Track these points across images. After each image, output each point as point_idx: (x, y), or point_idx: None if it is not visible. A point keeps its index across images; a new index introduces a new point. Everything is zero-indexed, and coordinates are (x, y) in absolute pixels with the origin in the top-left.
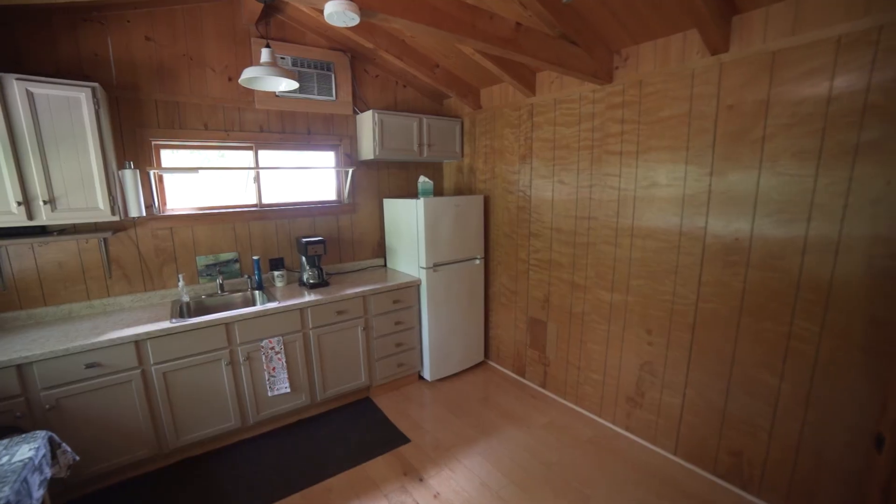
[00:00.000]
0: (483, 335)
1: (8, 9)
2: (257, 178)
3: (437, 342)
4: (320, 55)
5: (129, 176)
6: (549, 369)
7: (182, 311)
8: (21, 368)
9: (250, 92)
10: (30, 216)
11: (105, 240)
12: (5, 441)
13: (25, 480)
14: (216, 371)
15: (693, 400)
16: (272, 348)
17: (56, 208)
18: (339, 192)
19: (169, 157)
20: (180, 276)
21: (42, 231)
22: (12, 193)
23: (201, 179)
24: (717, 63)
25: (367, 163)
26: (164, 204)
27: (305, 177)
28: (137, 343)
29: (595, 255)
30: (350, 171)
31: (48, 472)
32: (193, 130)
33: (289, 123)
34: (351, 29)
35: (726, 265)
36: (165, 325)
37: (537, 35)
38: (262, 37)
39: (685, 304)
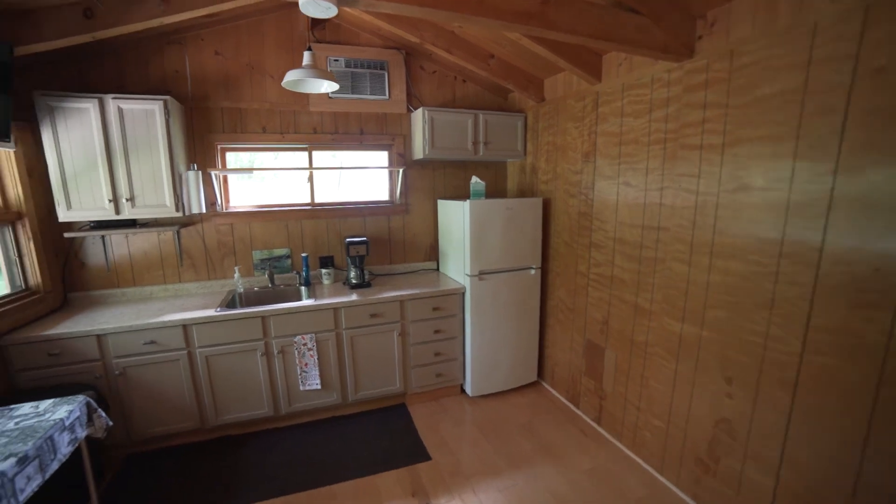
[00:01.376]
0: (537, 353)
1: (119, 38)
2: (311, 178)
3: (480, 356)
4: (374, 55)
5: (192, 177)
6: (604, 403)
7: (234, 300)
8: (100, 338)
9: (305, 95)
10: (117, 211)
11: (178, 232)
12: (55, 401)
13: (51, 438)
14: (252, 360)
15: (792, 486)
16: (305, 345)
17: (135, 205)
18: (392, 192)
19: (232, 159)
20: (236, 269)
21: (133, 224)
22: (105, 192)
23: (264, 180)
24: (860, 5)
25: (421, 162)
26: (228, 202)
27: (358, 177)
28: (185, 327)
29: (664, 275)
30: (400, 170)
31: (81, 433)
32: (252, 134)
33: (342, 124)
34: (394, 24)
35: (856, 305)
36: (210, 313)
37: (575, 5)
38: (317, 41)
39: (784, 353)
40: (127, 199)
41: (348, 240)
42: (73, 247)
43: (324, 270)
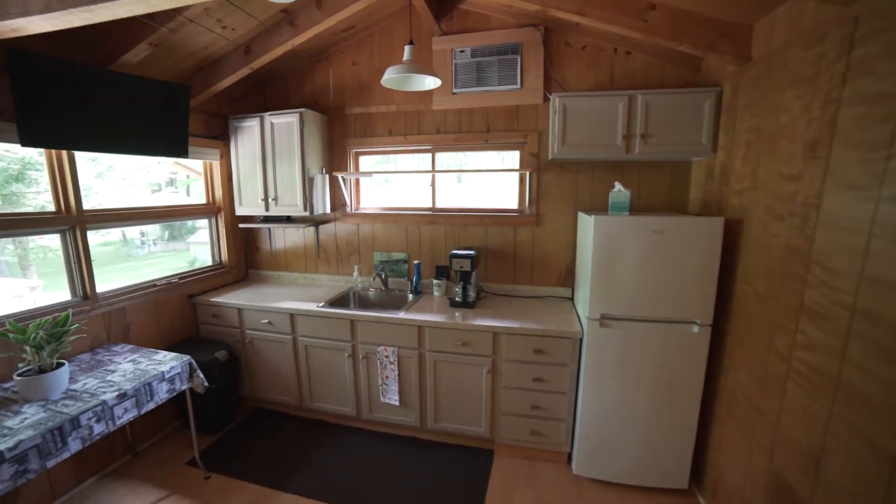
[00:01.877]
0: (692, 450)
1: (284, 65)
2: (433, 182)
3: (596, 427)
4: (505, 37)
5: (319, 180)
6: None
7: (345, 298)
8: (240, 311)
9: (429, 94)
10: (266, 208)
11: (317, 229)
12: (173, 355)
13: (149, 385)
14: (340, 359)
15: None
16: (387, 357)
17: (278, 204)
18: (521, 199)
19: (366, 162)
20: (356, 268)
21: (288, 219)
22: (259, 192)
23: (388, 181)
24: None
25: (558, 164)
26: (358, 203)
27: (483, 181)
28: (292, 315)
29: None
30: (528, 173)
31: (181, 385)
32: (379, 137)
33: (466, 122)
34: None
35: None
36: (311, 307)
37: None
38: (444, 33)
39: None
40: (272, 199)
41: (453, 252)
42: (252, 234)
43: (436, 281)
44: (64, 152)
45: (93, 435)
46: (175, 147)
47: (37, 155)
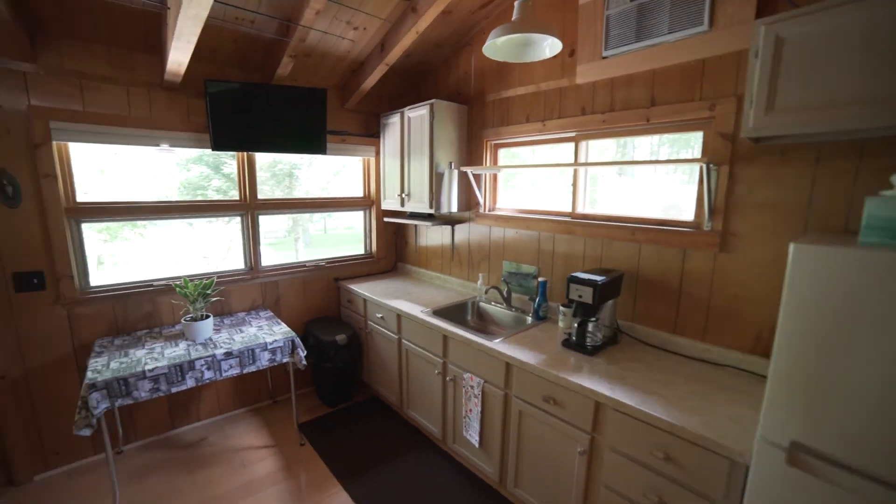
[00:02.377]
0: None
1: (432, 57)
2: (574, 180)
3: None
4: None
5: (447, 176)
6: None
7: (461, 308)
8: (366, 301)
9: (572, 65)
10: (402, 204)
11: (453, 228)
12: (283, 330)
13: (253, 350)
14: (431, 373)
15: None
16: (472, 387)
17: (410, 200)
18: (699, 207)
19: (503, 156)
20: (481, 276)
21: (431, 217)
22: (397, 188)
23: (526, 179)
24: None
25: (767, 147)
26: (494, 202)
27: (646, 179)
28: (399, 316)
29: None
30: (710, 167)
31: (281, 358)
32: (515, 126)
33: (620, 96)
34: None
35: None
36: (415, 311)
37: None
38: None
39: None
40: (406, 195)
41: (573, 275)
42: (401, 228)
43: (563, 309)
44: (245, 153)
45: (203, 378)
46: (316, 145)
47: (229, 157)
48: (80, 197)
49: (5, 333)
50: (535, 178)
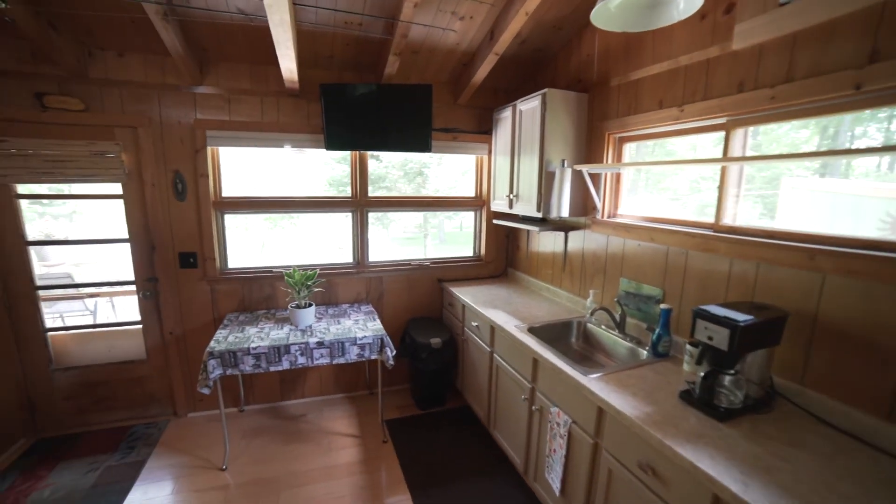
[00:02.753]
0: None
1: (549, 36)
2: (721, 182)
3: None
4: None
5: (558, 175)
6: None
7: (568, 328)
8: (464, 306)
9: (727, 26)
10: (510, 206)
11: (566, 236)
12: (375, 327)
13: (343, 343)
14: (518, 397)
15: None
16: (558, 424)
17: (518, 201)
18: None
19: (628, 151)
20: (591, 293)
21: (543, 221)
22: (506, 188)
23: (663, 182)
24: None
25: None
26: (615, 207)
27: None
28: (493, 328)
29: None
30: None
31: (369, 354)
32: (644, 114)
33: (808, 56)
34: None
35: None
36: (509, 325)
37: None
38: None
39: None
40: (514, 196)
41: (701, 308)
42: (513, 232)
43: (690, 347)
44: (358, 152)
45: (296, 362)
46: (420, 143)
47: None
48: (225, 192)
49: (173, 299)
50: (667, 179)
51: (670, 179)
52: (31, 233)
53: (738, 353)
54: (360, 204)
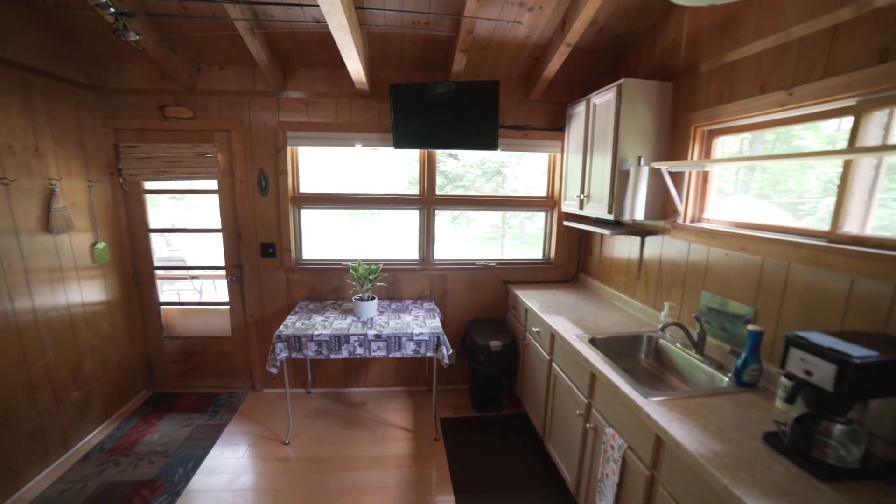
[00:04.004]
0: None
1: (631, 21)
2: (844, 177)
3: None
4: None
5: (633, 173)
6: None
7: (637, 343)
8: (527, 311)
9: None
10: (580, 207)
11: (642, 241)
12: (433, 324)
13: (400, 338)
14: (573, 412)
15: None
16: (612, 447)
17: (589, 202)
18: None
19: (721, 145)
20: (667, 306)
21: (613, 224)
22: (577, 188)
23: (759, 182)
24: None
25: None
26: (701, 211)
27: None
28: (553, 336)
29: None
30: None
31: (424, 351)
32: (742, 101)
33: None
34: None
35: None
36: (570, 335)
37: None
38: None
39: None
40: (585, 196)
41: (797, 335)
42: (585, 235)
43: (786, 379)
44: (426, 150)
45: (354, 352)
46: (486, 141)
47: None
48: (302, 188)
49: (254, 285)
50: (791, 180)
51: (794, 180)
52: (160, 222)
53: (852, 398)
54: (427, 202)
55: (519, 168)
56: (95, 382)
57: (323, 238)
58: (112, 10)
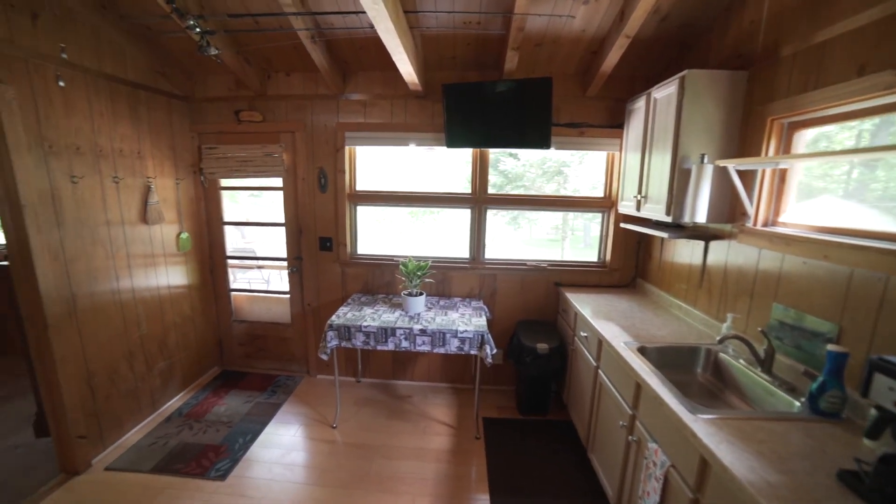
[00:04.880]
0: None
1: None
2: None
3: None
4: None
5: (693, 172)
6: None
7: (694, 356)
8: (576, 314)
9: None
10: (637, 208)
11: (706, 246)
12: (477, 321)
13: (444, 334)
14: (616, 421)
15: None
16: (654, 463)
17: (646, 202)
18: None
19: (802, 139)
20: (729, 317)
21: (674, 227)
22: (634, 188)
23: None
24: None
25: None
26: (776, 213)
27: None
28: (600, 342)
29: None
30: None
31: (468, 349)
32: (831, 87)
33: None
34: None
35: None
36: (618, 342)
37: None
38: None
39: None
40: (643, 196)
41: (883, 358)
42: (645, 238)
43: (877, 411)
44: (478, 149)
45: (400, 346)
46: (538, 139)
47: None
48: (359, 186)
49: (313, 277)
50: (888, 177)
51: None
52: (237, 216)
53: None
54: (478, 201)
55: (581, 168)
56: (177, 356)
57: (379, 235)
58: (198, 29)
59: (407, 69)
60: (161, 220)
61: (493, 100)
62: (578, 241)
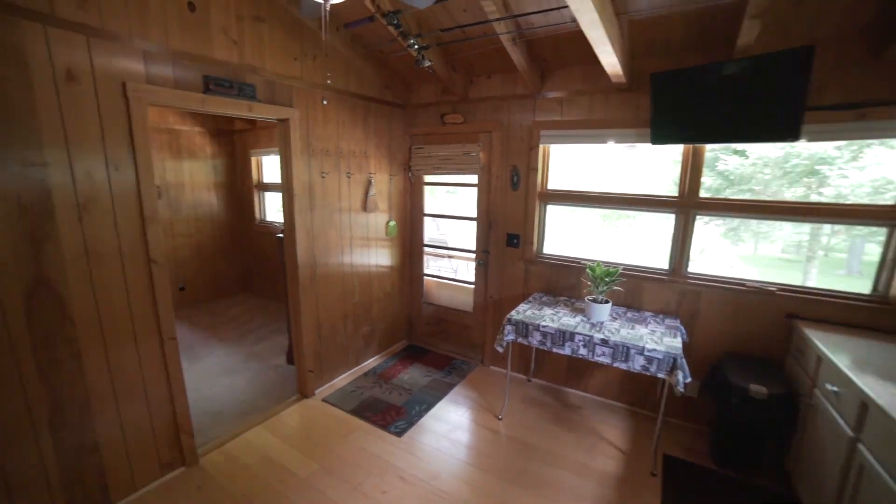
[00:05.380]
0: None
1: None
2: None
3: None
4: None
5: None
6: None
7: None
8: (819, 359)
9: None
10: None
11: None
12: (672, 345)
13: (628, 349)
14: None
15: None
16: None
17: None
18: None
19: None
20: None
21: None
22: None
23: None
24: None
25: None
26: None
27: None
28: (864, 405)
29: None
30: None
31: (655, 370)
32: None
33: None
34: None
35: None
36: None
37: None
38: None
39: None
40: None
41: None
42: None
43: None
44: (692, 146)
45: (577, 352)
46: (779, 129)
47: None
48: (550, 185)
49: (497, 271)
50: None
51: None
52: (434, 209)
53: None
54: (686, 205)
55: (855, 164)
56: (377, 325)
57: (567, 236)
58: (416, 46)
59: (610, 60)
60: (376, 209)
61: (716, 86)
62: (837, 264)
